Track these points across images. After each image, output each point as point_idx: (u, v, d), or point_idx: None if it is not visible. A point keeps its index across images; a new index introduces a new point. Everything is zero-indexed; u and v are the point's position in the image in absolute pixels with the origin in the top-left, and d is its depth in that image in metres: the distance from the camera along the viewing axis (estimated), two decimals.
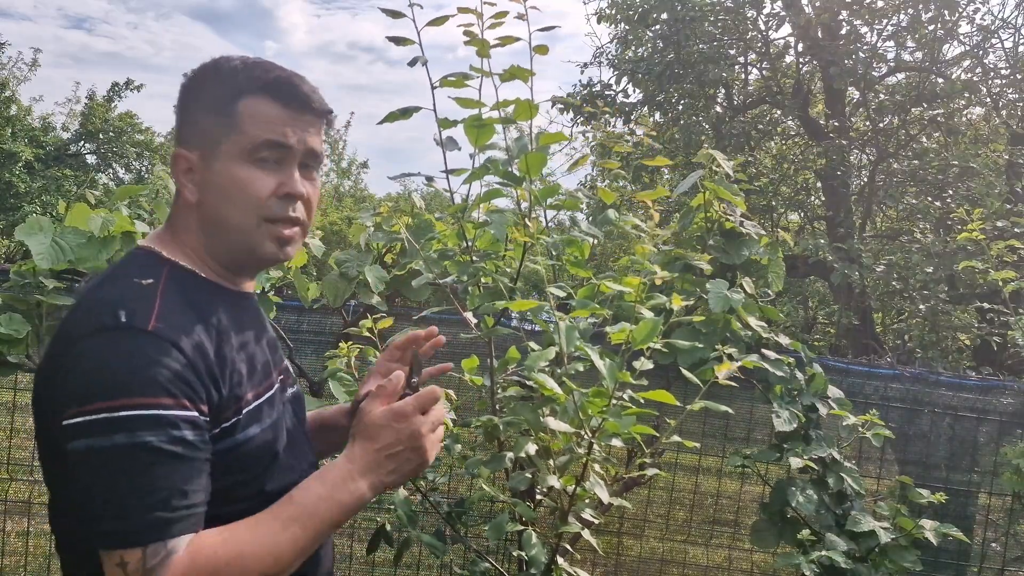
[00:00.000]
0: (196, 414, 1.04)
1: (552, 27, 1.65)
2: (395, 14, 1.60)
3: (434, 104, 1.66)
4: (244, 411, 1.12)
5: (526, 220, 1.73)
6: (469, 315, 1.84)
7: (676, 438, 1.66)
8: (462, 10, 1.62)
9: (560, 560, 1.66)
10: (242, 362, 1.15)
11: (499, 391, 1.81)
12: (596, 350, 1.52)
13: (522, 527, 1.69)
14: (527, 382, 1.71)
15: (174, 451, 1.00)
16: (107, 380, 0.99)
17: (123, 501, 0.98)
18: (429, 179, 1.80)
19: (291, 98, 1.16)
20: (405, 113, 1.64)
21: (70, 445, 1.00)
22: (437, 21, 1.62)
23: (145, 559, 0.98)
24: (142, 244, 1.19)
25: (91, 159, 20.98)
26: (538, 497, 1.80)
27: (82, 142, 20.72)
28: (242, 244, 1.17)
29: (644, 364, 1.51)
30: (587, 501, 1.67)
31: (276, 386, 1.23)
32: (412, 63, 1.64)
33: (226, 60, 1.18)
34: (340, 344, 1.97)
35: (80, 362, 1.02)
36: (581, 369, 1.60)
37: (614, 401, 1.50)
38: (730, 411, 1.68)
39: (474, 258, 1.85)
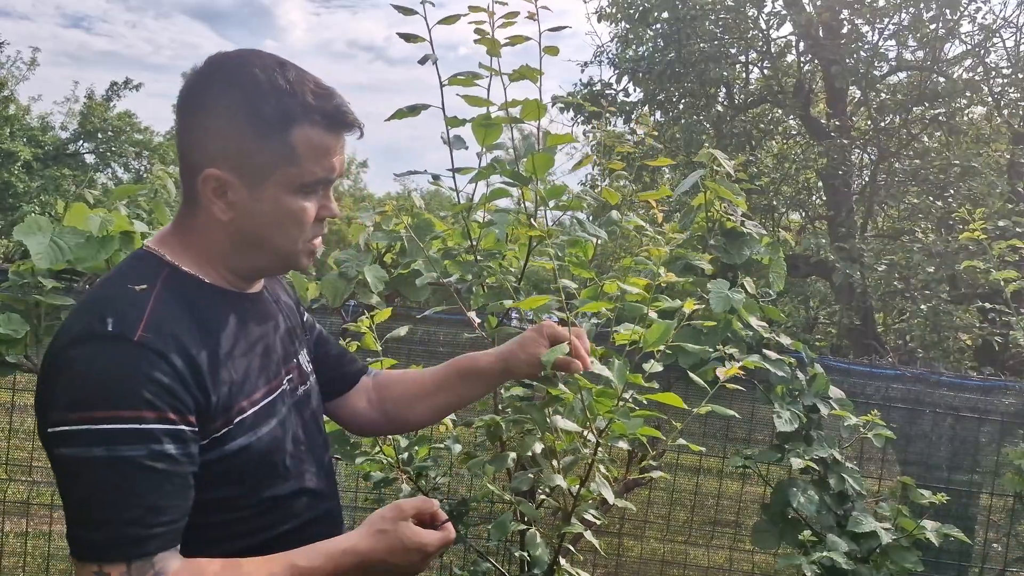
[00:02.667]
0: (182, 427, 1.03)
1: (562, 27, 1.62)
2: (407, 11, 1.57)
3: (443, 102, 1.64)
4: (235, 420, 1.10)
5: (531, 220, 1.73)
6: (472, 315, 1.83)
7: (681, 441, 1.65)
8: (473, 9, 1.60)
9: (562, 560, 1.65)
10: (240, 368, 1.13)
11: (502, 391, 1.80)
12: (600, 350, 1.51)
13: (525, 527, 1.69)
14: (530, 381, 1.70)
15: (154, 466, 0.99)
16: (90, 391, 0.99)
17: (100, 513, 0.98)
18: (435, 178, 1.79)
19: (343, 126, 1.14)
20: (413, 110, 1.62)
21: (55, 451, 1.01)
22: (448, 20, 1.60)
23: (131, 574, 0.98)
24: (147, 245, 1.17)
25: (90, 159, 21.01)
26: (540, 497, 1.79)
27: (81, 141, 20.74)
28: (280, 263, 1.19)
29: (654, 367, 1.50)
30: (590, 502, 1.67)
31: (283, 387, 1.21)
32: (423, 61, 1.62)
33: (263, 71, 1.10)
34: (339, 341, 1.97)
35: (66, 369, 1.02)
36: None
37: (621, 402, 1.49)
38: (736, 415, 1.67)
39: (479, 257, 1.84)
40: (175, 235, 1.17)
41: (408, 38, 1.60)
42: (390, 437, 1.96)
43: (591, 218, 2.01)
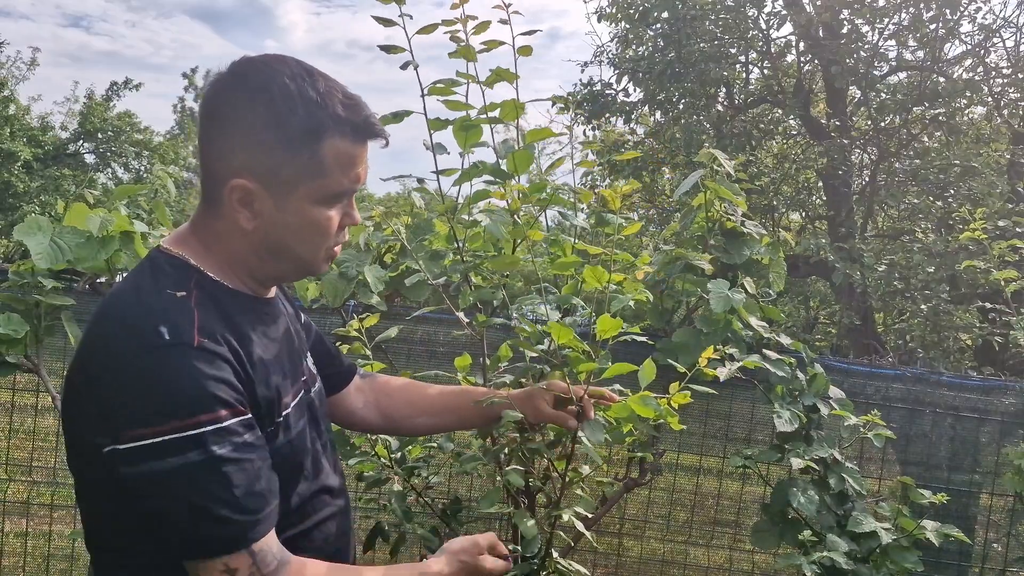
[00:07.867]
0: (250, 415, 1.06)
1: (534, 31, 1.68)
2: (387, 22, 1.63)
3: (424, 110, 1.70)
4: (279, 419, 1.14)
5: (515, 217, 1.77)
6: (461, 314, 1.87)
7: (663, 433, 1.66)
8: (447, 22, 1.68)
9: (555, 553, 1.66)
10: (276, 370, 1.15)
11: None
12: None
13: (514, 508, 1.72)
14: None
15: (245, 457, 1.03)
16: (167, 401, 1.00)
17: (213, 511, 1.00)
18: (420, 181, 1.84)
19: (370, 137, 1.15)
20: (397, 117, 1.67)
21: (134, 468, 1.00)
22: (426, 29, 1.66)
23: (257, 564, 1.03)
24: (168, 249, 1.15)
25: (90, 159, 20.99)
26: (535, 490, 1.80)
27: (81, 141, 20.72)
28: (301, 270, 1.20)
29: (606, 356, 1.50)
30: (579, 493, 1.69)
31: (303, 388, 1.24)
32: (404, 67, 1.68)
33: (292, 81, 1.09)
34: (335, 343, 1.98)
35: (133, 383, 1.01)
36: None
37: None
38: (713, 392, 1.69)
39: (465, 258, 1.88)
40: (195, 238, 1.16)
41: (388, 50, 1.66)
42: (382, 437, 1.99)
43: (587, 215, 2.03)
